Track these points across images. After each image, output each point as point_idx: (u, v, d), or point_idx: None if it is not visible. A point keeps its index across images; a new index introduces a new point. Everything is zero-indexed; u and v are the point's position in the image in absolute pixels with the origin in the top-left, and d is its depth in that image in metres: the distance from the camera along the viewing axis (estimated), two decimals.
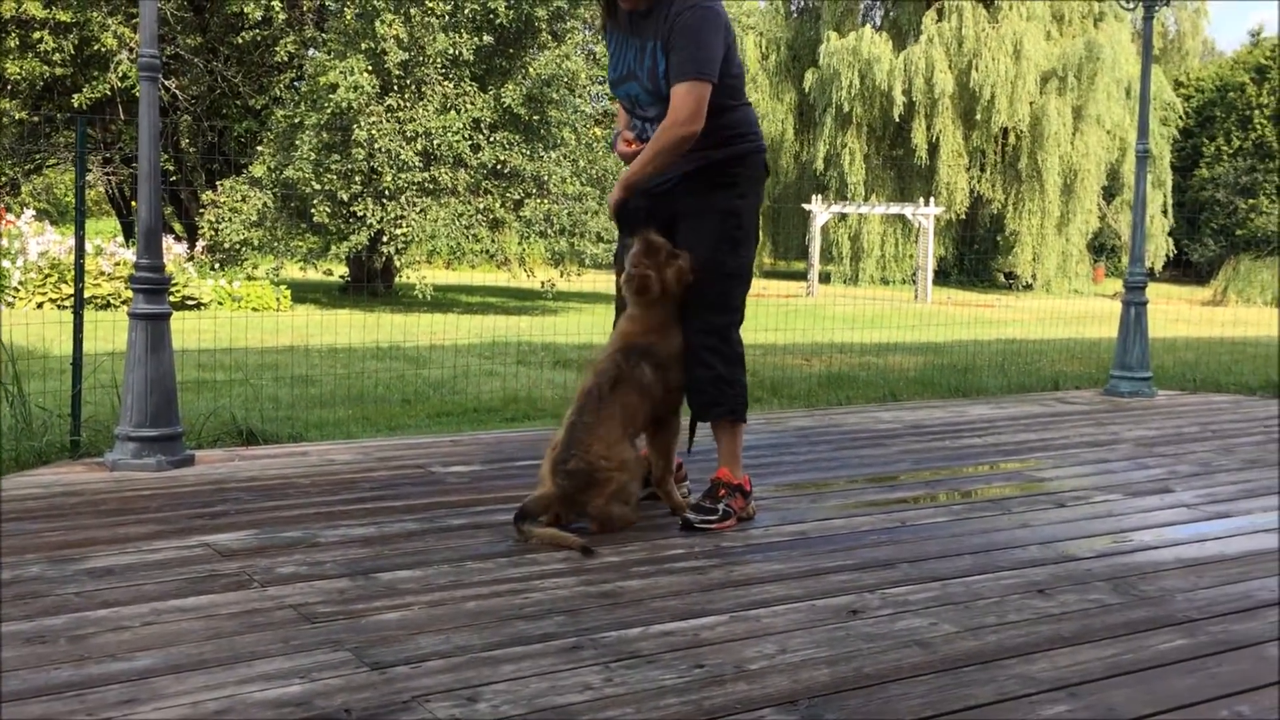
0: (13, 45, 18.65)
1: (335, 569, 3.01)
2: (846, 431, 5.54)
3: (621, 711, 2.15)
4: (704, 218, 3.58)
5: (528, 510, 3.35)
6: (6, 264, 12.98)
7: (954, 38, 27.55)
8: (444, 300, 17.32)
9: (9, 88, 19.92)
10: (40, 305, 12.72)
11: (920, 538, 3.49)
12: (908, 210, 25.07)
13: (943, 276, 28.59)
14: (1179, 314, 18.18)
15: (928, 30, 27.68)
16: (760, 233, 24.15)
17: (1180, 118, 33.28)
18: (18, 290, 12.86)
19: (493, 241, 16.18)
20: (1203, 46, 34.64)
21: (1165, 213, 30.29)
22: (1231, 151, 35.08)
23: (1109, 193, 30.58)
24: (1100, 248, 32.51)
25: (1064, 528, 3.66)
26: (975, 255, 30.13)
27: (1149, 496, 4.18)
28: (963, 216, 29.05)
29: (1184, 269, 32.77)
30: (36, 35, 18.34)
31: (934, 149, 27.89)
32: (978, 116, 27.55)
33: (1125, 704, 2.24)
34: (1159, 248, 30.03)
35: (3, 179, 23.02)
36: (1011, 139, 28.47)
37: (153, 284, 4.25)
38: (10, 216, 14.53)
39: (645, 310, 3.55)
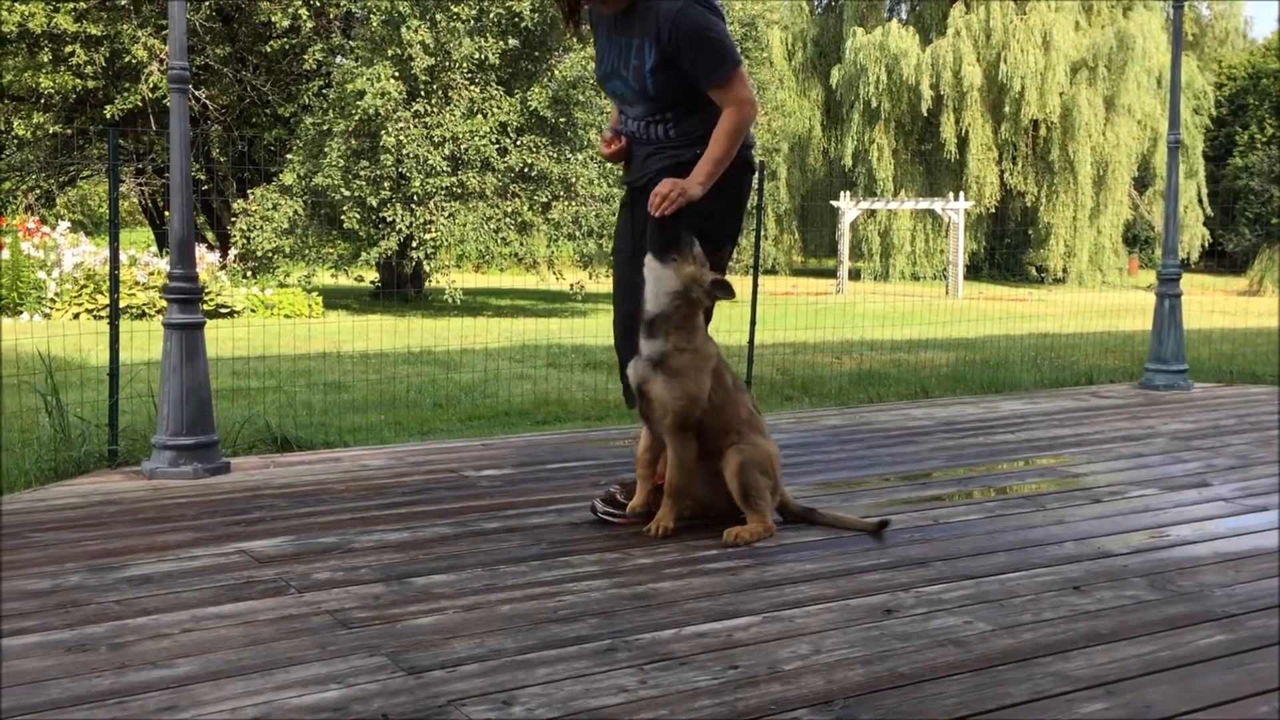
0: (45, 59, 18.88)
1: (370, 574, 3.03)
2: (878, 429, 5.52)
3: (656, 714, 2.15)
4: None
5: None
6: (43, 275, 13.14)
7: (981, 30, 27.40)
8: (474, 304, 17.39)
9: (42, 101, 20.17)
10: (76, 316, 12.88)
11: (954, 535, 3.48)
12: (937, 205, 24.95)
13: (974, 271, 28.43)
14: (1215, 305, 17.98)
15: (954, 23, 27.54)
16: (785, 221, 23.85)
17: (1213, 106, 32.92)
18: (54, 301, 13.02)
19: (521, 244, 16.23)
20: (1235, 34, 34.25)
21: (1199, 202, 29.99)
22: (1265, 139, 34.68)
23: (1141, 183, 30.32)
24: (1133, 239, 32.23)
25: (1100, 523, 3.64)
26: (1006, 249, 29.94)
27: (1186, 491, 4.14)
28: (993, 210, 28.88)
29: (1219, 259, 32.44)
30: (69, 49, 18.56)
31: (963, 143, 27.74)
32: (1007, 109, 27.38)
33: (1163, 701, 2.22)
34: (1193, 238, 29.75)
35: (37, 191, 23.31)
36: (1042, 131, 28.26)
37: (186, 294, 4.30)
38: (46, 228, 14.72)
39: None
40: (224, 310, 13.68)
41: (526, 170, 15.89)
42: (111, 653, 2.44)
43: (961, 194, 25.47)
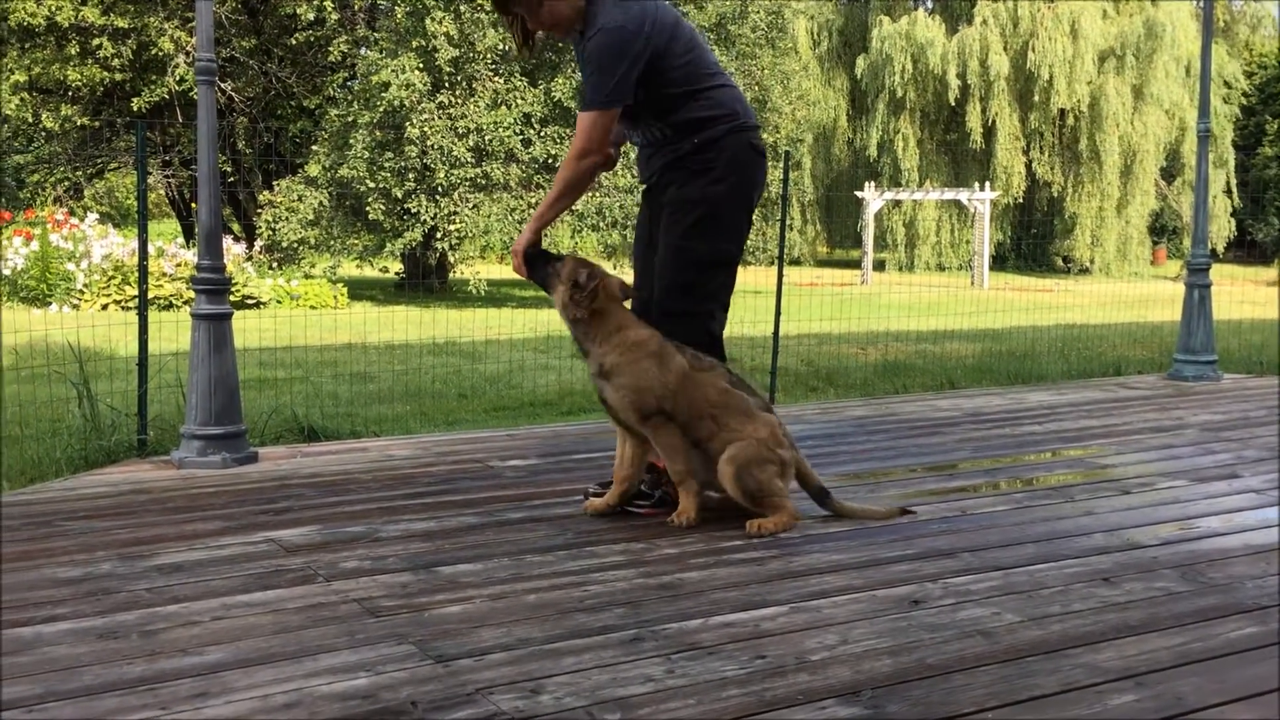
0: (73, 52, 19.02)
1: (397, 563, 3.05)
2: (904, 420, 5.50)
3: (684, 703, 2.15)
4: (680, 206, 3.52)
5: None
6: (71, 267, 13.24)
7: (1009, 19, 27.17)
8: (498, 295, 17.42)
9: (70, 94, 20.32)
10: (105, 307, 12.97)
11: (981, 526, 3.46)
12: (963, 195, 24.80)
13: (1000, 262, 28.24)
14: (1244, 295, 17.81)
15: (981, 12, 27.32)
16: (809, 212, 23.64)
17: (1242, 95, 32.56)
18: (83, 293, 13.13)
19: (545, 235, 16.23)
20: (1267, 20, 33.85)
21: (1228, 192, 29.69)
22: None
23: (1168, 173, 30.04)
24: (1161, 229, 31.94)
25: (1129, 515, 3.61)
26: (1032, 239, 29.73)
27: (1216, 482, 4.11)
28: (1019, 200, 28.67)
29: (1248, 249, 32.12)
30: (96, 42, 18.69)
31: (990, 132, 27.55)
32: (1035, 98, 27.17)
33: (1194, 693, 2.21)
34: (1221, 228, 29.44)
35: (66, 184, 23.50)
36: (1069, 120, 28.02)
37: (214, 284, 4.32)
38: (74, 220, 14.83)
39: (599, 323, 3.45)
40: (250, 301, 13.76)
41: (550, 161, 15.88)
42: (143, 640, 2.47)
43: (987, 184, 25.30)
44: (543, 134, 15.82)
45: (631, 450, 3.51)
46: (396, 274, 19.05)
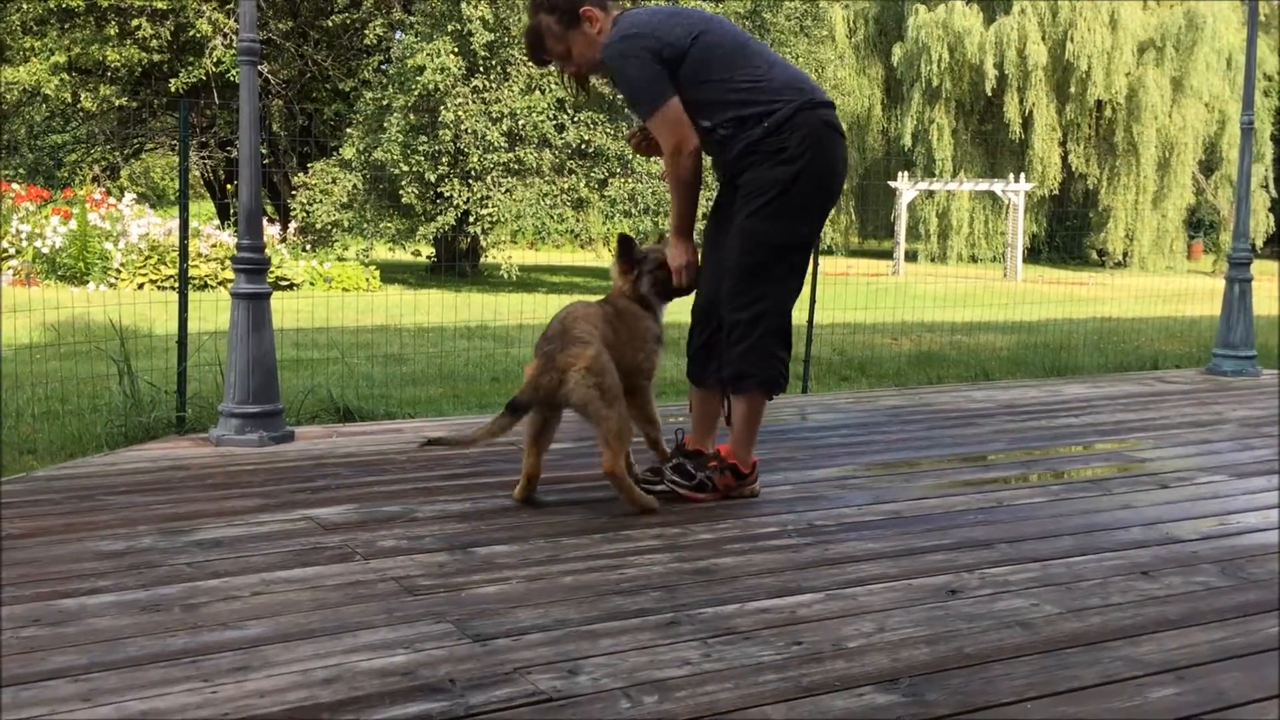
0: (112, 33, 19.16)
1: (434, 543, 3.06)
2: (938, 411, 5.47)
3: (720, 686, 2.16)
4: (752, 188, 3.47)
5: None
6: (109, 246, 13.37)
7: (1048, 9, 26.91)
8: (529, 280, 17.45)
9: (108, 74, 20.48)
10: (141, 286, 13.09)
11: (1018, 518, 3.44)
12: (997, 186, 24.61)
13: (1033, 254, 28.01)
14: None
15: (1020, 2, 27.06)
16: (842, 202, 23.58)
17: None
18: (119, 272, 13.25)
19: (577, 221, 16.24)
20: None
21: (1265, 187, 29.30)
22: None
23: (1206, 167, 29.67)
24: (1197, 224, 31.58)
25: (1167, 509, 3.58)
26: (1067, 232, 29.47)
27: (1255, 478, 4.06)
28: (1054, 192, 28.41)
29: None
30: (135, 22, 18.83)
31: (1027, 123, 27.30)
32: (1072, 89, 26.90)
33: (1235, 688, 2.19)
34: (1259, 223, 29.04)
35: (104, 163, 23.70)
36: (1107, 112, 27.74)
37: (254, 264, 4.35)
38: (111, 200, 14.96)
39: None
40: (284, 283, 13.84)
41: (584, 147, 15.89)
42: (185, 613, 2.49)
43: (1022, 175, 25.09)
44: (576, 119, 15.82)
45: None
46: (428, 258, 19.11)
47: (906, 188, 24.53)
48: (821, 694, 2.13)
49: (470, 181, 15.64)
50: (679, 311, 3.79)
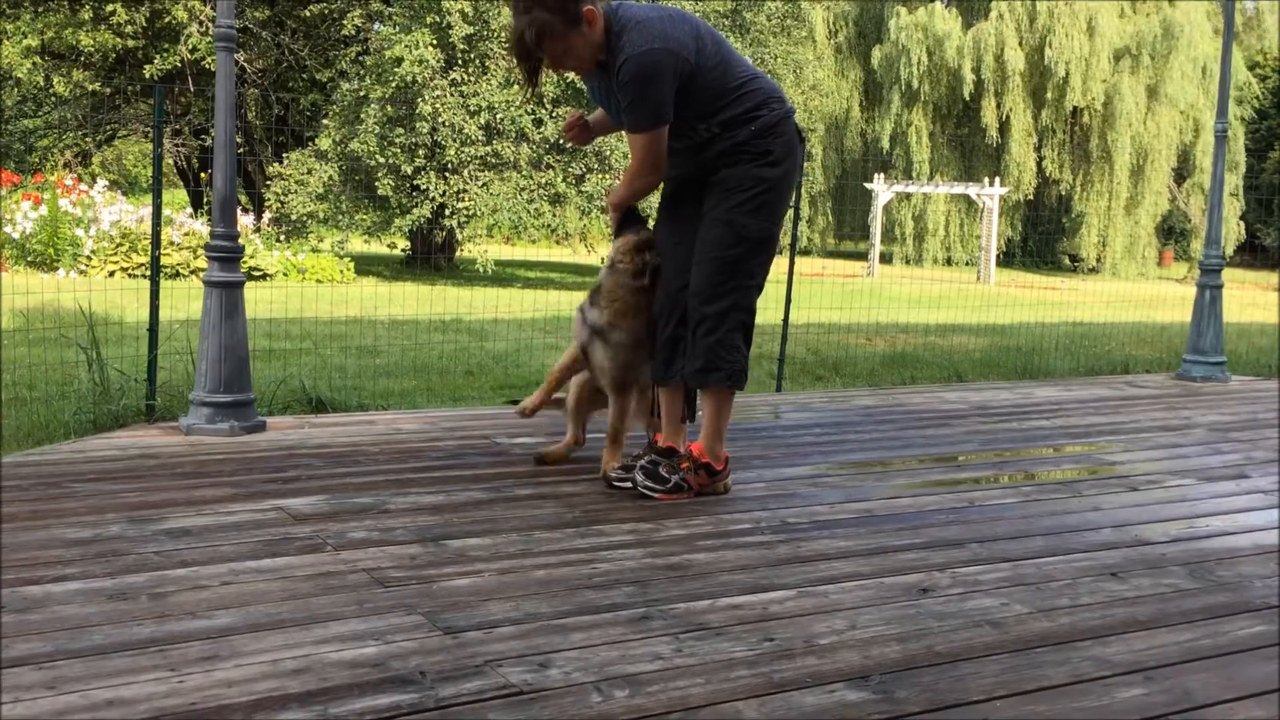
0: (86, 17, 18.96)
1: (406, 535, 3.05)
2: (911, 411, 5.49)
3: (692, 681, 2.15)
4: (736, 183, 3.54)
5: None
6: (79, 232, 13.23)
7: (1026, 14, 27.08)
8: (504, 275, 17.40)
9: (82, 59, 20.26)
10: (112, 274, 12.96)
11: (989, 518, 3.46)
12: (972, 190, 24.74)
13: (1007, 258, 28.18)
14: (1252, 299, 17.76)
15: (998, 6, 27.22)
16: (819, 203, 23.73)
17: (1256, 98, 32.45)
18: (90, 259, 13.12)
19: (554, 216, 16.21)
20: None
21: (1236, 195, 29.59)
22: None
23: (1179, 175, 29.94)
24: (1169, 231, 31.86)
25: (1137, 511, 3.61)
26: (1041, 236, 29.67)
27: (1224, 482, 4.10)
28: (1029, 197, 28.60)
29: (1256, 254, 32.03)
30: (109, 7, 18.64)
31: (1004, 128, 27.47)
32: (1049, 95, 27.09)
33: (1202, 689, 2.21)
34: (1230, 231, 29.34)
35: (75, 149, 23.46)
36: (1083, 118, 27.95)
37: (227, 252, 4.31)
38: (83, 186, 14.81)
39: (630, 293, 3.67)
40: (257, 273, 13.74)
41: (561, 141, 15.85)
42: (152, 602, 2.47)
43: (998, 179, 25.24)
44: (554, 114, 15.78)
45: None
46: (403, 250, 19.03)
47: (883, 189, 24.62)
48: (793, 690, 2.13)
49: (447, 175, 15.57)
50: None
